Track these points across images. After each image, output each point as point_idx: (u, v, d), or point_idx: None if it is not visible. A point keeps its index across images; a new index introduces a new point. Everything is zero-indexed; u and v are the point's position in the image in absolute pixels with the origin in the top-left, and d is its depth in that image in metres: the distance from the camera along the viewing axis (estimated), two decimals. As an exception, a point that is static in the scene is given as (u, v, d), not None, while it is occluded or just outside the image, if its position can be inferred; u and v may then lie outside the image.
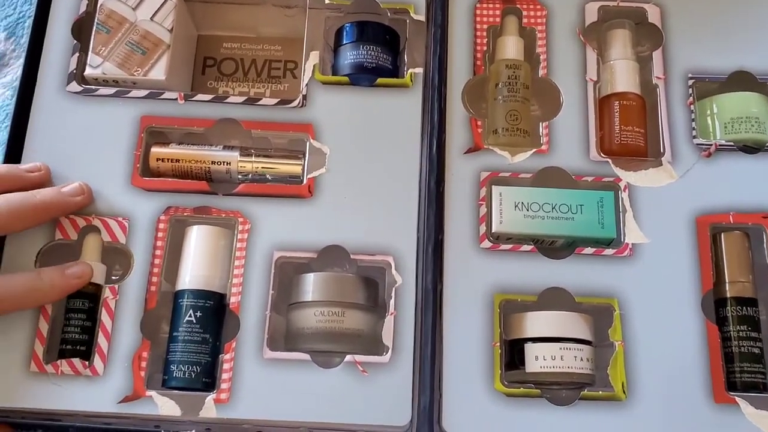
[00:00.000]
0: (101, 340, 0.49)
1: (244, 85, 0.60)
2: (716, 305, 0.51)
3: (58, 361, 0.48)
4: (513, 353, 0.49)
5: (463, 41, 0.56)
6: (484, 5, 0.57)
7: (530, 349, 0.48)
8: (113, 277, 0.52)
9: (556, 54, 0.56)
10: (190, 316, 0.49)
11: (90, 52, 0.54)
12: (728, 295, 0.50)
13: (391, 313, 0.49)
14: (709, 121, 0.55)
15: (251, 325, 0.49)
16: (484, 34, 0.57)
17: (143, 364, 0.49)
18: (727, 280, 0.51)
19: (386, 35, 0.56)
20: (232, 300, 0.50)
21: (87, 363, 0.48)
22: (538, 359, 0.48)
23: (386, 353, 0.49)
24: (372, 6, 0.57)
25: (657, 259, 0.51)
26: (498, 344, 0.49)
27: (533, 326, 0.49)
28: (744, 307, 0.50)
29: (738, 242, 0.52)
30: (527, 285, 0.50)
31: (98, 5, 0.56)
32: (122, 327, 0.49)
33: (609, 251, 0.51)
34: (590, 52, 0.56)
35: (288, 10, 0.59)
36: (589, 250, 0.51)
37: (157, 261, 0.51)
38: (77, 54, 0.55)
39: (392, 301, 0.50)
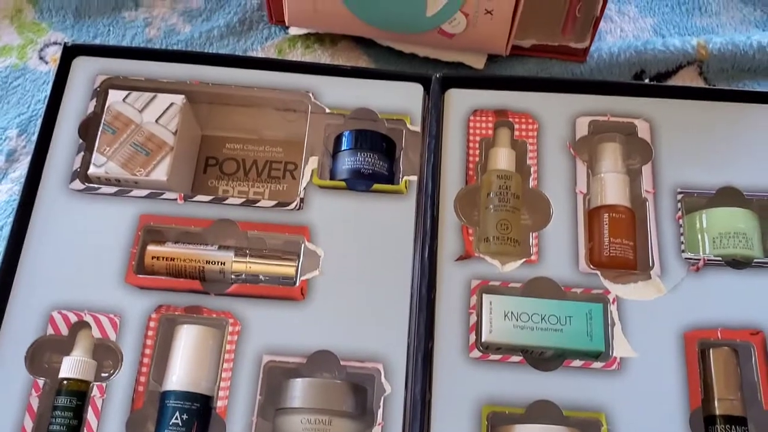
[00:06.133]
0: (86, 441, 0.49)
1: (244, 185, 0.62)
2: (705, 423, 0.50)
3: (41, 462, 0.48)
4: (500, 467, 0.49)
5: (456, 151, 0.58)
6: (478, 118, 0.59)
7: (518, 463, 0.48)
8: (103, 374, 0.52)
9: (547, 166, 0.57)
10: (176, 418, 0.49)
11: (95, 152, 0.56)
12: (717, 412, 0.50)
13: (379, 424, 0.49)
14: (699, 236, 0.56)
15: (237, 430, 0.49)
16: (477, 145, 0.58)
17: (127, 467, 0.48)
18: (716, 397, 0.50)
19: (383, 143, 0.58)
20: (219, 403, 0.50)
21: (70, 465, 0.48)
22: (526, 474, 0.47)
23: (372, 464, 0.48)
24: (370, 115, 0.59)
25: (645, 373, 0.51)
26: (485, 458, 0.48)
27: (521, 439, 0.48)
28: (733, 426, 0.49)
29: (727, 359, 0.51)
30: (515, 397, 0.50)
31: (106, 107, 0.58)
32: (108, 427, 0.49)
33: (597, 365, 0.51)
34: (580, 164, 0.57)
35: (290, 114, 0.61)
36: (577, 363, 0.51)
37: (146, 360, 0.51)
38: (82, 153, 0.57)
39: (380, 411, 0.49)
